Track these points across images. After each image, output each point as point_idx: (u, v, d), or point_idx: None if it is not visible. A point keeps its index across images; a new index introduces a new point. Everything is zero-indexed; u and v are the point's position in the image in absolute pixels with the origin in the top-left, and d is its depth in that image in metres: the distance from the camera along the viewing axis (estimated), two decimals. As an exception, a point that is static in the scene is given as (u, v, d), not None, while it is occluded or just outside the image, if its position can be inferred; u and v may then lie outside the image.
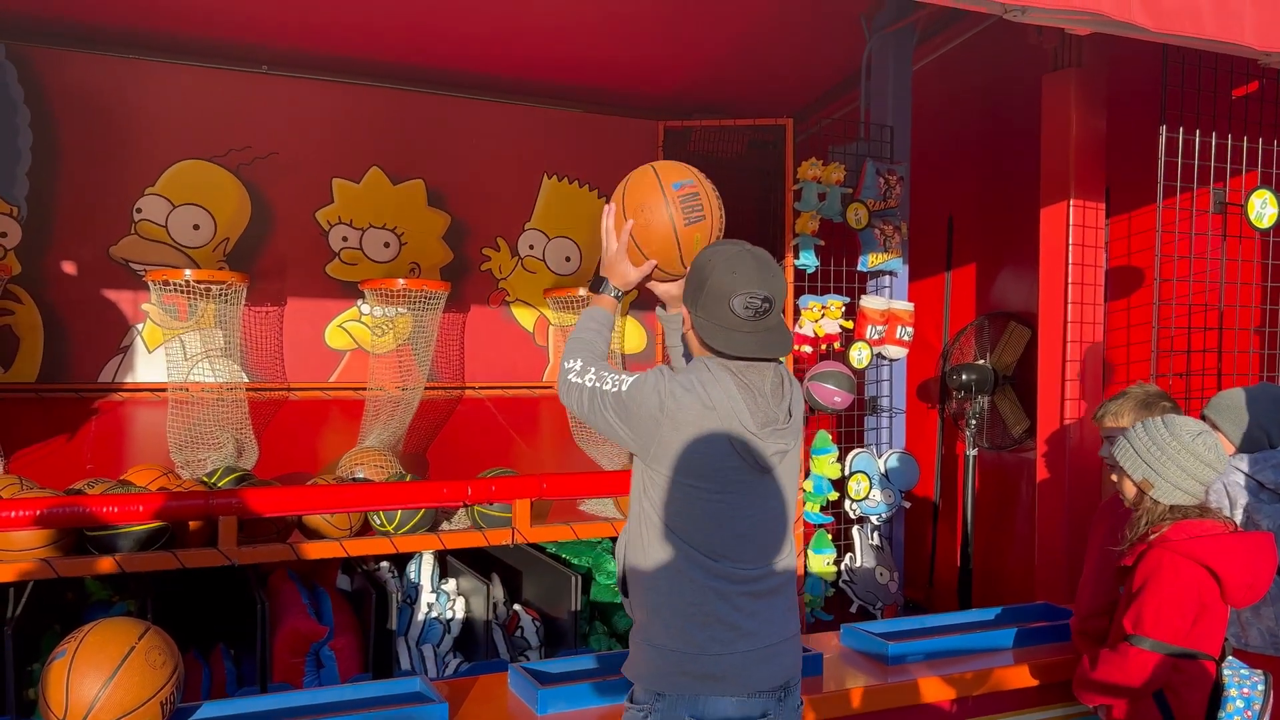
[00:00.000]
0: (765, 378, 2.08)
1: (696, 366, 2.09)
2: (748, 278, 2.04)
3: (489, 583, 4.40)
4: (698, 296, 2.08)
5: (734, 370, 2.05)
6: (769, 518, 2.11)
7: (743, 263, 2.06)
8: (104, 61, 5.36)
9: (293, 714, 2.39)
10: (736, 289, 2.02)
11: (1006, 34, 4.90)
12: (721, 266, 2.06)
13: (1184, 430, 2.53)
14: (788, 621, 2.15)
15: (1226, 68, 3.94)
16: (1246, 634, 2.95)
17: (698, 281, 2.09)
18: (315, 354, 5.85)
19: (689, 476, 2.02)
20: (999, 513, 5.62)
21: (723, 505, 2.04)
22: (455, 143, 6.16)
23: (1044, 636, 3.08)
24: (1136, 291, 4.73)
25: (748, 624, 2.05)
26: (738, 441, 2.02)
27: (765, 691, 2.06)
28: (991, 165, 5.74)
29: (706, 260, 2.10)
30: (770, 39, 5.59)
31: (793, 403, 2.14)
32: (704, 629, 2.03)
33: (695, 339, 2.13)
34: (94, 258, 5.37)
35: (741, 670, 2.04)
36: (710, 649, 2.02)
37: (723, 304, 2.03)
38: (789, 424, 2.11)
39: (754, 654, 2.05)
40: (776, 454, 2.08)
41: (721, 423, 2.01)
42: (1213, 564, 2.45)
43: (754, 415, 2.03)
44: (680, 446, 2.00)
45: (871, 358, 5.32)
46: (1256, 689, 2.48)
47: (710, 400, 2.02)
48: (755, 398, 2.04)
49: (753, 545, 2.08)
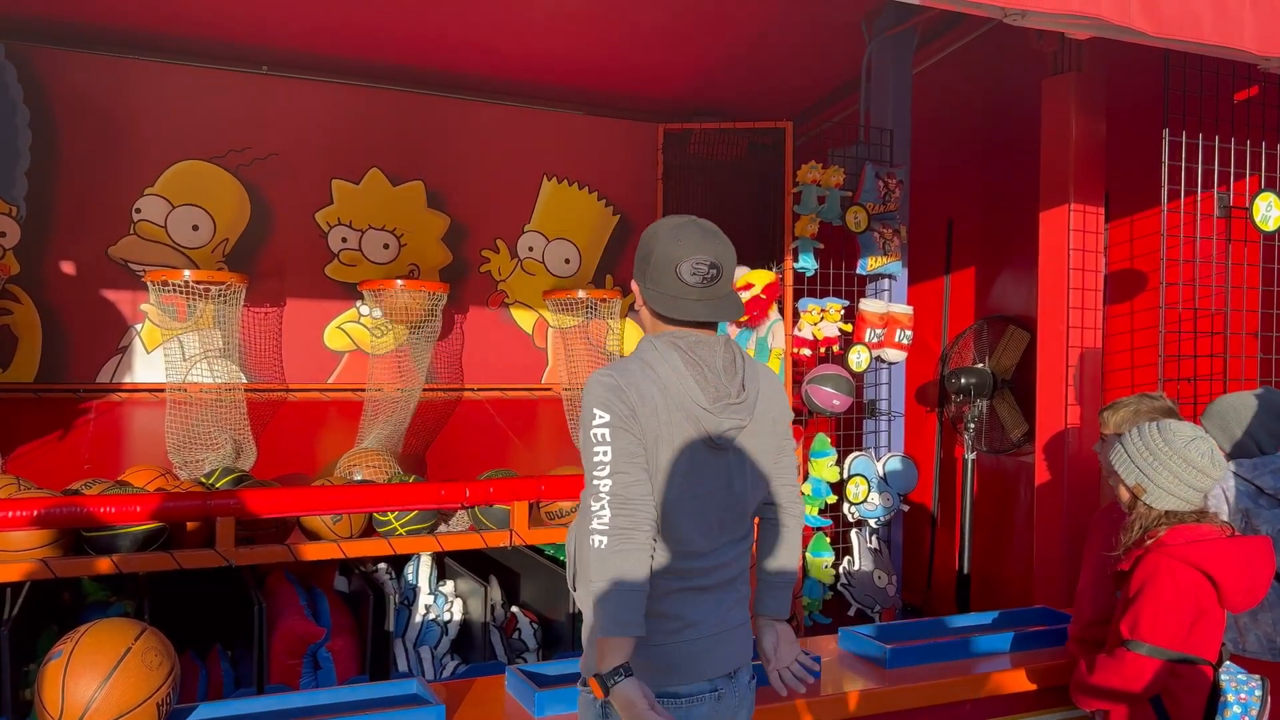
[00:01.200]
0: (716, 354, 2.06)
1: (642, 347, 2.07)
2: (694, 245, 2.05)
3: (487, 585, 4.39)
4: (645, 268, 2.09)
5: (682, 347, 2.04)
6: (723, 500, 2.08)
7: (688, 231, 2.08)
8: (104, 62, 5.36)
9: (290, 715, 2.38)
10: (683, 256, 2.04)
11: (1006, 38, 4.91)
12: (667, 236, 2.07)
13: (1177, 436, 2.52)
14: (735, 613, 2.14)
15: (1227, 72, 3.94)
16: (1244, 639, 2.94)
17: (644, 253, 2.10)
18: (314, 355, 5.85)
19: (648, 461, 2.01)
20: (997, 517, 5.62)
21: (674, 485, 2.01)
22: (455, 144, 6.16)
23: (1042, 641, 3.07)
24: (1138, 296, 4.73)
25: (691, 614, 2.05)
26: (689, 416, 2.00)
27: (714, 676, 2.07)
28: (991, 169, 5.74)
29: (652, 233, 2.12)
30: (770, 42, 5.59)
31: (746, 378, 2.10)
32: (650, 621, 2.00)
33: (647, 314, 2.13)
34: (93, 258, 5.36)
35: (688, 659, 2.03)
36: (655, 639, 2.01)
37: (670, 271, 2.04)
38: (742, 399, 2.07)
39: (701, 642, 2.05)
40: (732, 429, 2.04)
41: (671, 399, 2.00)
42: (1210, 569, 2.45)
43: (704, 391, 2.01)
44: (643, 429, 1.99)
45: (870, 361, 5.32)
46: (1254, 694, 2.48)
47: (658, 378, 2.00)
48: (705, 373, 2.03)
49: (703, 527, 2.05)
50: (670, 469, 2.01)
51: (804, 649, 2.90)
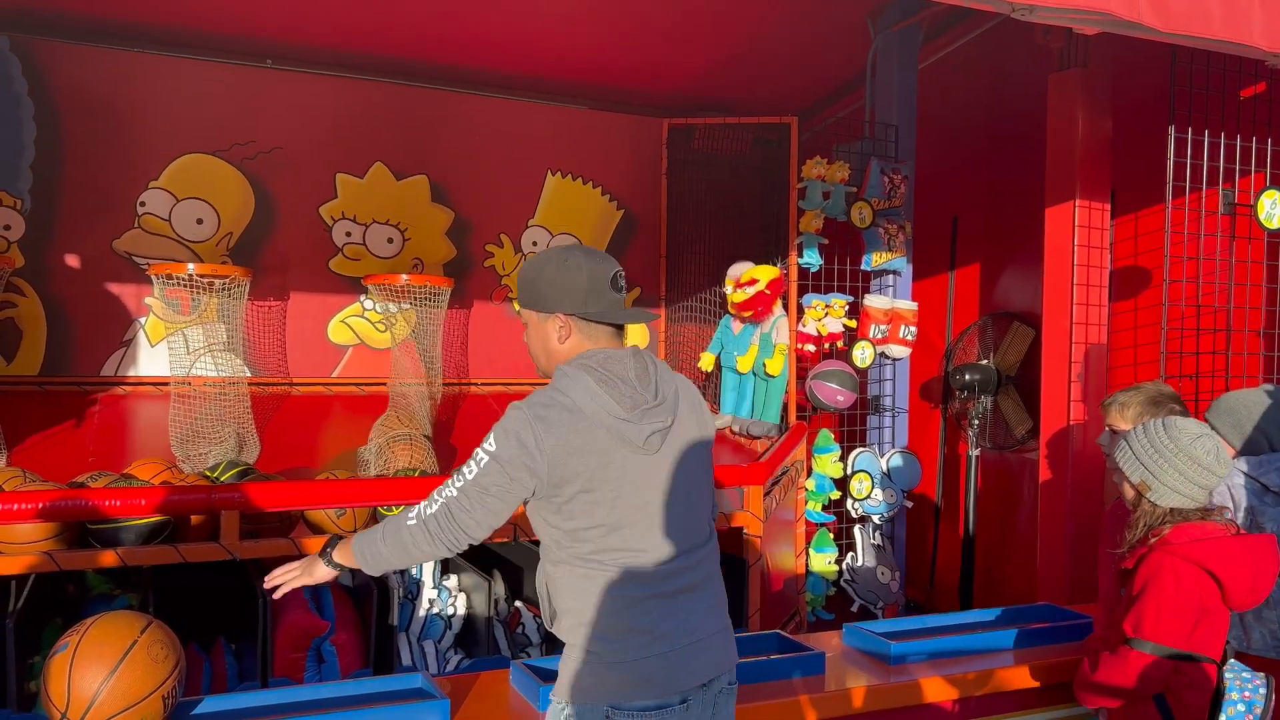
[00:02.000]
0: (626, 365, 2.11)
1: (555, 377, 2.12)
2: (608, 262, 2.17)
3: (491, 579, 4.40)
4: (576, 294, 2.12)
5: (593, 366, 2.08)
6: (672, 505, 2.11)
7: (594, 253, 2.19)
8: (108, 55, 5.35)
9: (293, 709, 2.39)
10: (608, 270, 2.14)
11: (1013, 33, 4.89)
12: (585, 260, 2.15)
13: (1182, 433, 2.52)
14: (709, 619, 2.15)
15: (1234, 68, 3.93)
16: (1249, 637, 2.94)
17: (573, 283, 2.12)
18: (318, 349, 5.85)
19: (570, 484, 2.03)
20: (1001, 513, 5.62)
21: (616, 500, 2.04)
22: (459, 139, 6.15)
23: (1046, 638, 3.07)
24: (1143, 293, 4.72)
25: (661, 626, 2.06)
26: (610, 431, 2.04)
27: (688, 688, 2.07)
28: (996, 165, 5.73)
29: (564, 261, 2.15)
30: (776, 37, 5.58)
31: (660, 382, 2.15)
32: (619, 638, 2.04)
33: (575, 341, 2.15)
34: (97, 251, 5.36)
35: (661, 673, 2.04)
36: (628, 655, 2.03)
37: (606, 285, 2.13)
38: (660, 401, 2.11)
39: (672, 655, 2.05)
40: (655, 434, 2.08)
41: (588, 420, 2.03)
42: (1214, 567, 2.44)
43: (620, 402, 2.05)
44: (560, 461, 2.01)
45: (875, 357, 5.32)
46: (1258, 692, 2.47)
47: (574, 403, 2.04)
48: (618, 385, 2.07)
49: (657, 535, 2.08)
50: (602, 486, 2.04)
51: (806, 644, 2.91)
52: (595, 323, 2.14)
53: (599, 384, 2.06)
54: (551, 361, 2.19)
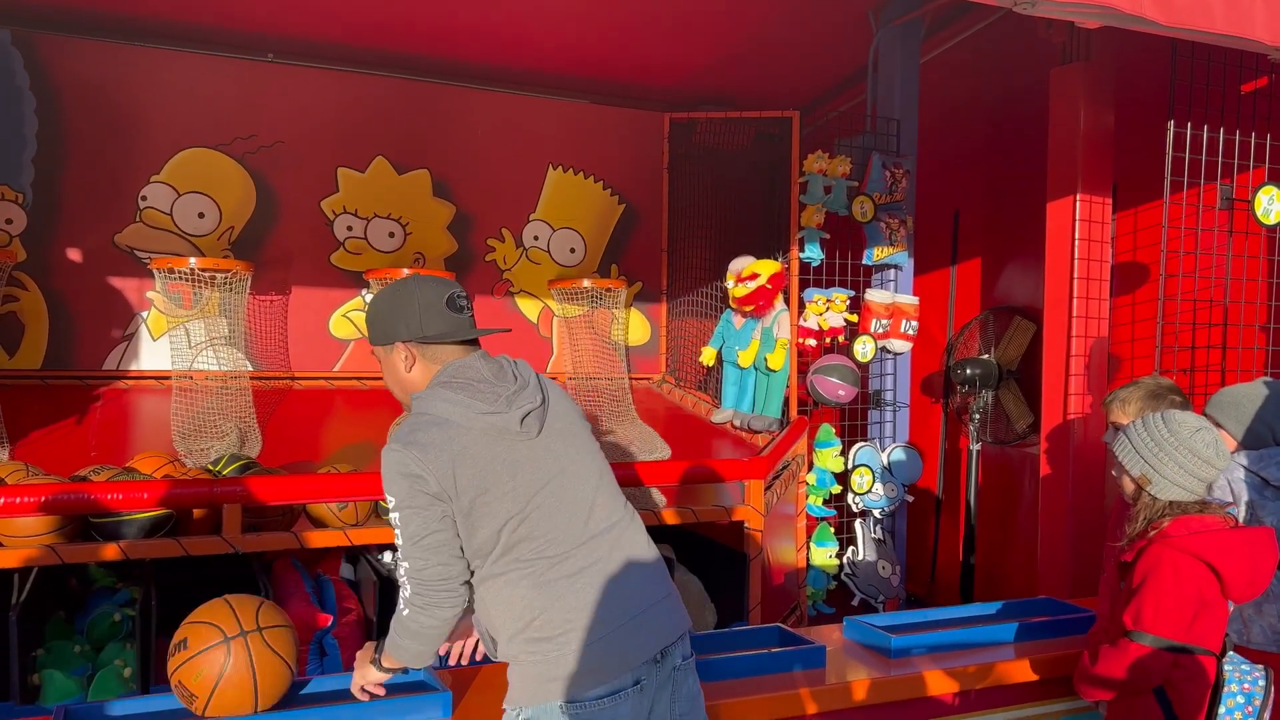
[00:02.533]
0: (476, 368, 2.13)
1: (414, 404, 2.13)
2: (441, 284, 2.19)
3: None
4: (409, 321, 2.13)
5: (445, 380, 2.10)
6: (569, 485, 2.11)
7: (428, 279, 2.21)
8: (110, 49, 5.36)
9: (295, 702, 2.39)
10: (442, 293, 2.15)
11: (1015, 28, 4.89)
12: (418, 288, 2.17)
13: (1182, 426, 2.52)
14: (646, 590, 2.12)
15: (1235, 62, 3.92)
16: (1249, 631, 2.95)
17: (406, 310, 2.14)
18: (319, 343, 5.86)
19: (466, 493, 2.02)
20: (1002, 508, 5.62)
21: (515, 490, 2.04)
22: (460, 133, 6.15)
23: (1047, 631, 3.07)
24: (1142, 287, 4.72)
25: (595, 611, 2.04)
26: (484, 429, 2.04)
27: (637, 665, 2.05)
28: (998, 159, 5.73)
29: (397, 292, 2.18)
30: (777, 32, 5.57)
31: (517, 372, 2.18)
32: (553, 639, 2.02)
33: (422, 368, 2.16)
34: (99, 245, 5.37)
35: (606, 657, 2.02)
36: (568, 649, 2.01)
37: (439, 307, 2.14)
38: (523, 389, 2.13)
39: (611, 636, 2.03)
40: (529, 415, 2.09)
41: (459, 425, 2.04)
42: (1213, 560, 2.45)
43: (483, 399, 2.06)
44: (448, 475, 2.01)
45: (876, 351, 5.32)
46: (1257, 684, 2.48)
47: (437, 417, 2.05)
48: (476, 386, 2.08)
49: (563, 519, 2.07)
50: (497, 483, 2.03)
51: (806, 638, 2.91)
52: (437, 344, 2.15)
53: (456, 391, 2.07)
54: (407, 392, 2.19)
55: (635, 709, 2.04)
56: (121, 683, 3.68)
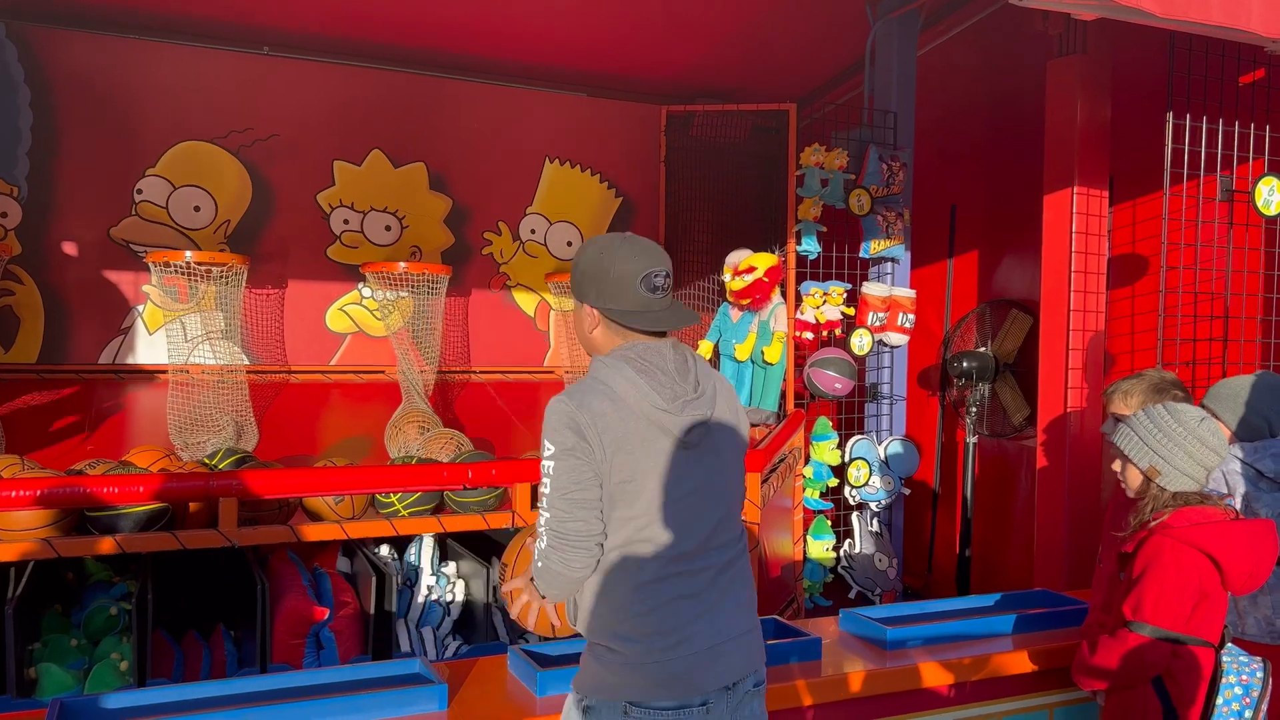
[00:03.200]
0: (665, 357, 2.08)
1: (593, 368, 2.10)
2: (647, 258, 2.08)
3: (489, 566, 4.40)
4: (599, 287, 2.09)
5: (632, 357, 2.06)
6: (707, 500, 2.08)
7: (635, 246, 2.11)
8: (105, 41, 5.34)
9: (292, 694, 2.39)
10: (641, 269, 2.07)
11: (1011, 20, 4.88)
12: (620, 253, 2.09)
13: (1189, 417, 2.53)
14: (737, 619, 2.11)
15: (1233, 54, 3.92)
16: (1243, 623, 2.95)
17: (596, 273, 2.09)
18: (316, 337, 5.85)
19: (615, 474, 2.01)
20: (998, 500, 5.63)
21: (656, 491, 2.02)
22: (457, 126, 6.14)
23: (1043, 623, 3.07)
24: (1140, 280, 4.72)
25: (687, 629, 2.03)
26: (651, 422, 2.02)
27: (710, 690, 2.04)
28: (995, 152, 5.72)
29: (600, 252, 2.11)
30: (774, 24, 5.56)
31: (699, 376, 2.13)
32: (641, 639, 2.01)
33: (600, 333, 2.13)
34: (94, 239, 5.36)
35: (684, 675, 2.01)
36: (651, 656, 2.01)
37: (631, 285, 2.06)
38: (699, 394, 2.09)
39: (696, 657, 2.02)
40: (695, 428, 2.06)
41: (630, 409, 2.02)
42: (1213, 551, 2.45)
43: (661, 394, 2.03)
44: (606, 447, 2.00)
45: (873, 344, 5.32)
46: (1255, 675, 2.48)
47: (614, 392, 2.02)
48: (658, 377, 2.05)
49: (690, 529, 2.05)
50: (643, 477, 2.02)
51: (803, 630, 2.92)
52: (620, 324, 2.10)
53: (639, 374, 2.03)
54: (589, 349, 2.17)
55: None
56: (118, 676, 3.68)
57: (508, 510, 4.27)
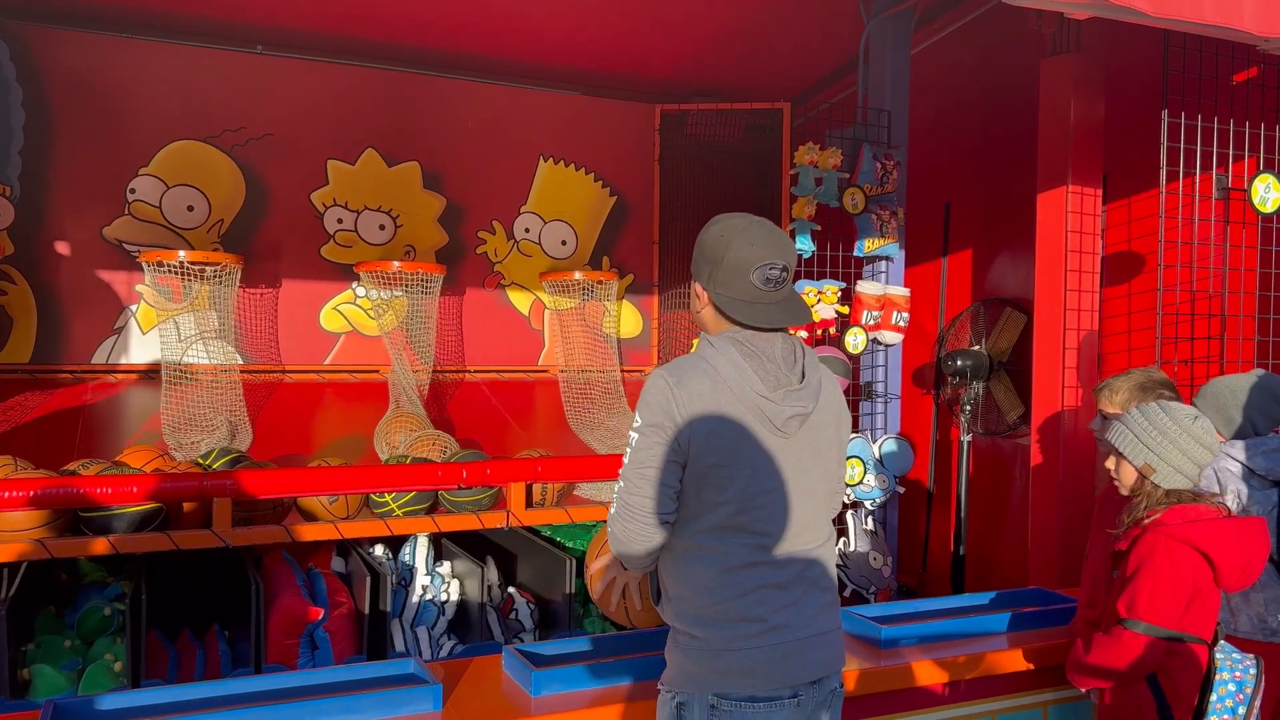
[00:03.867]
0: (774, 345, 2.06)
1: (700, 345, 2.08)
2: (765, 248, 2.04)
3: (484, 566, 4.40)
4: (713, 271, 2.06)
5: (740, 340, 2.03)
6: (799, 492, 2.05)
7: (758, 233, 2.06)
8: (98, 40, 5.32)
9: (287, 695, 2.38)
10: (756, 260, 2.03)
11: (1005, 18, 4.88)
12: (739, 239, 2.05)
13: (1183, 414, 2.54)
14: (821, 616, 2.08)
15: (1227, 53, 3.93)
16: (1236, 620, 2.96)
17: (713, 256, 2.07)
18: (310, 336, 5.84)
19: (708, 456, 1.98)
20: (993, 498, 5.63)
21: (743, 477, 1.99)
22: (451, 125, 6.13)
23: (1037, 621, 3.08)
24: (1135, 278, 4.73)
25: (775, 617, 2.01)
26: (751, 407, 1.99)
27: (798, 683, 2.02)
28: (989, 151, 5.73)
29: (720, 234, 2.08)
30: (768, 23, 5.56)
31: (806, 367, 2.09)
32: (727, 625, 1.99)
33: (710, 314, 2.11)
34: (87, 238, 5.34)
35: (770, 664, 1.99)
36: (734, 644, 1.99)
37: (743, 276, 2.03)
38: (804, 386, 2.06)
39: (782, 647, 2.00)
40: (794, 417, 2.03)
41: (731, 393, 1.99)
42: (1207, 548, 2.46)
43: (764, 380, 2.00)
44: (699, 429, 1.97)
45: (867, 343, 5.32)
46: (1249, 673, 2.49)
47: (717, 373, 2.00)
48: (764, 363, 2.02)
49: (781, 520, 2.03)
50: (736, 464, 1.99)
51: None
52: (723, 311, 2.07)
53: (745, 358, 2.01)
54: (699, 326, 2.15)
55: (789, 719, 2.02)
56: (112, 677, 3.67)
57: (502, 510, 4.27)
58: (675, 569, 2.06)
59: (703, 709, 2.00)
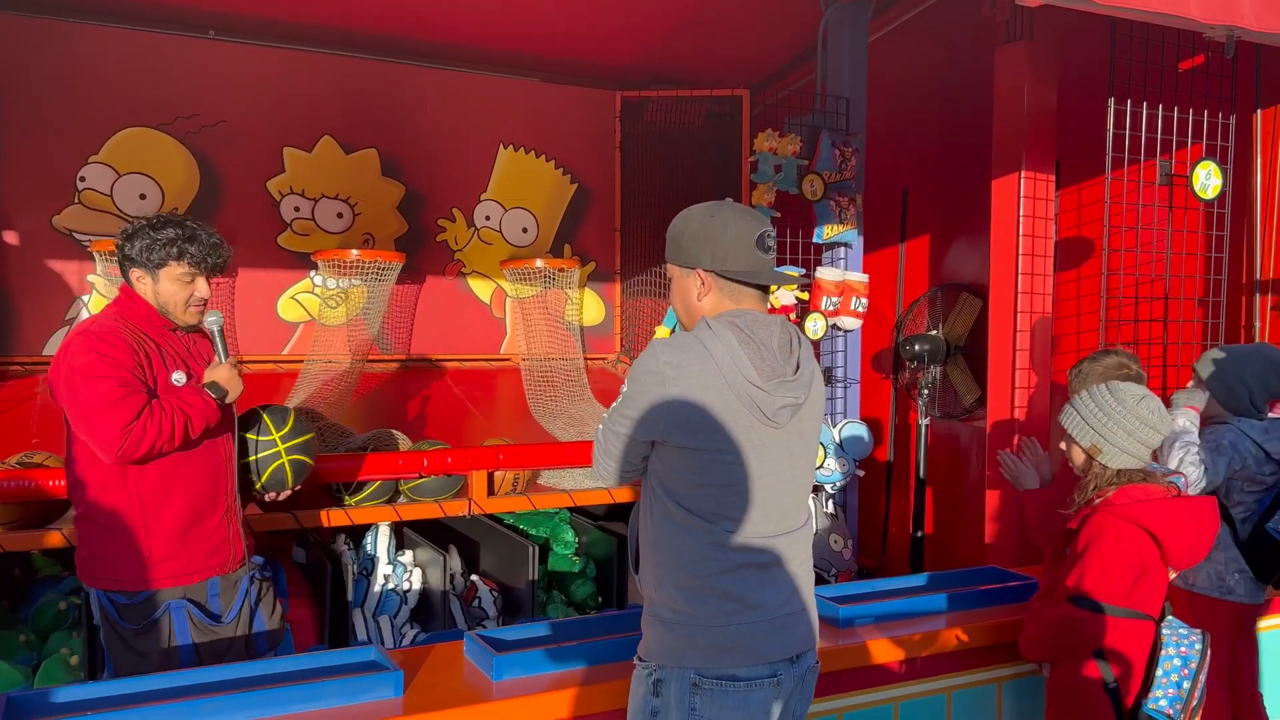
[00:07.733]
0: (773, 333, 2.08)
1: (699, 328, 2.08)
2: (756, 219, 2.12)
3: (446, 554, 4.40)
4: (714, 250, 2.08)
5: (740, 326, 2.04)
6: (787, 482, 2.08)
7: (743, 209, 2.14)
8: (46, 25, 5.21)
9: (247, 684, 2.37)
10: (755, 230, 2.10)
11: (960, 7, 4.93)
12: (733, 217, 2.10)
13: (1129, 395, 2.59)
14: (797, 595, 2.11)
15: (1173, 40, 4.00)
16: (1195, 575, 3.04)
17: (713, 237, 2.08)
18: (267, 326, 5.78)
19: (694, 437, 1.99)
20: (950, 481, 5.72)
21: (729, 465, 2.01)
22: (409, 112, 6.08)
23: (992, 599, 3.14)
24: (1086, 262, 4.81)
25: (754, 595, 2.03)
26: (742, 395, 2.00)
27: (776, 660, 2.05)
28: (946, 137, 5.79)
29: (710, 216, 2.11)
30: (728, 10, 5.57)
31: (802, 358, 2.12)
32: (708, 600, 2.01)
33: (711, 298, 2.12)
34: (37, 227, 5.24)
35: (749, 641, 2.02)
36: (717, 620, 2.01)
37: (749, 248, 2.08)
38: (797, 377, 2.08)
39: (762, 625, 2.03)
40: (785, 408, 2.05)
41: (724, 377, 2.00)
42: (1153, 528, 2.52)
43: (759, 369, 2.01)
44: (684, 407, 1.98)
45: (826, 329, 5.36)
46: (1194, 647, 2.56)
47: (711, 358, 2.01)
48: (760, 351, 2.03)
49: (767, 509, 2.05)
50: (724, 450, 2.00)
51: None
52: (736, 282, 2.09)
53: (741, 345, 2.01)
54: (692, 320, 2.15)
55: (766, 700, 2.03)
56: (68, 671, 3.63)
57: (464, 499, 4.27)
58: (658, 540, 2.07)
59: (682, 687, 2.01)
